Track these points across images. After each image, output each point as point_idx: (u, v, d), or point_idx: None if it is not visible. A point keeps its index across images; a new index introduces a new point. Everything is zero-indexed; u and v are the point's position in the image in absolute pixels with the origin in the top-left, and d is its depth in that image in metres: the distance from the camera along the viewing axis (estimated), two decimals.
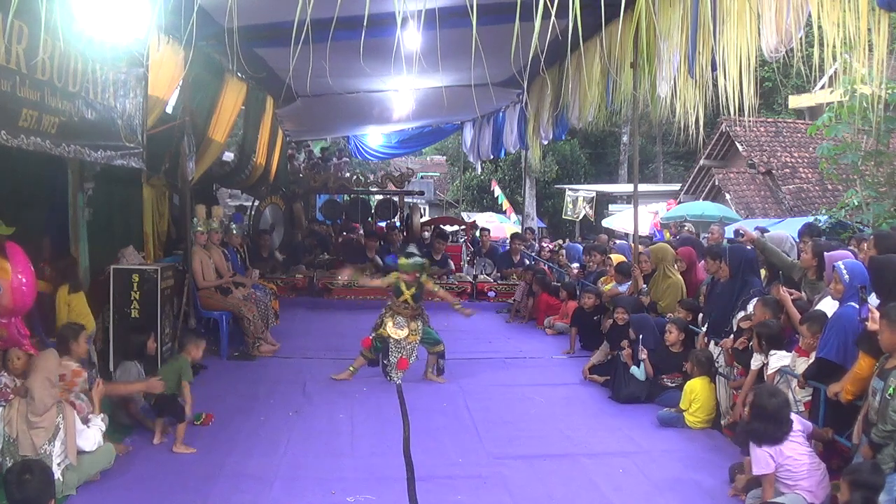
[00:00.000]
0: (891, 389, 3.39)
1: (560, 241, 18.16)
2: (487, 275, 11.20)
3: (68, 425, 3.99)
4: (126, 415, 5.14)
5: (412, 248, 7.08)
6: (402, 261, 6.57)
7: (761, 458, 3.78)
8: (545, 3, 2.07)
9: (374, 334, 6.53)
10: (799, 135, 19.65)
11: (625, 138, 26.17)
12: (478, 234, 13.73)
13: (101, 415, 4.41)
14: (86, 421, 4.24)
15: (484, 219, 20.52)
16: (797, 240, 6.17)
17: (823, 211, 14.02)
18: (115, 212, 7.42)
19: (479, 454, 4.81)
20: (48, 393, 3.95)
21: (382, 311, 6.68)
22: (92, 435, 4.18)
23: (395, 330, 6.45)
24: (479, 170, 23.35)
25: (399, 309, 6.52)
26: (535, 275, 9.69)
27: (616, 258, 8.77)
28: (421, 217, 14.24)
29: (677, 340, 5.95)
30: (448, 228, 14.24)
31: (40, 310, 5.68)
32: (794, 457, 3.75)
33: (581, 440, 5.11)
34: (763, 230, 7.62)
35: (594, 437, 5.19)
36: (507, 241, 12.89)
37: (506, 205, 22.86)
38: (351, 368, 6.53)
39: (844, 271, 4.17)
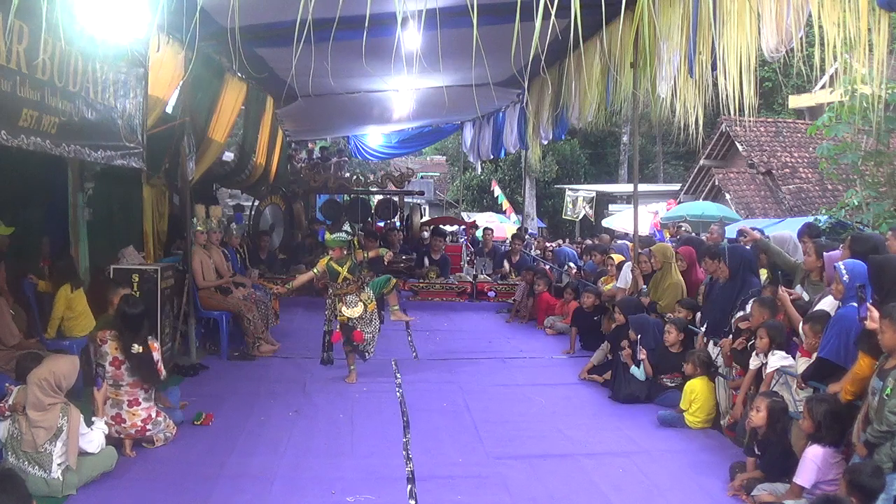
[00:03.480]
0: (888, 390, 3.39)
1: (560, 241, 18.18)
2: (488, 275, 11.20)
3: (72, 428, 3.98)
4: None
5: (346, 227, 7.00)
6: (329, 236, 6.63)
7: (809, 469, 3.75)
8: (545, 3, 2.07)
9: (328, 328, 6.54)
10: (799, 135, 19.66)
11: (625, 138, 26.18)
12: (479, 233, 13.74)
13: (105, 417, 4.41)
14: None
15: (484, 219, 20.52)
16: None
17: (823, 211, 14.02)
18: (115, 212, 7.42)
19: (479, 454, 4.81)
20: (43, 391, 3.94)
21: (326, 303, 6.65)
22: (96, 437, 4.18)
23: (351, 310, 6.41)
24: (479, 170, 23.36)
25: (343, 290, 6.45)
26: (535, 274, 9.69)
27: (616, 258, 8.78)
28: (421, 217, 14.24)
29: (676, 340, 5.95)
30: (448, 228, 14.24)
31: (41, 310, 5.71)
32: (835, 471, 3.74)
33: (581, 440, 5.11)
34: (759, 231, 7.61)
35: (594, 437, 5.19)
36: (508, 242, 12.90)
37: (506, 205, 22.86)
38: (351, 368, 6.54)
39: (844, 271, 4.17)
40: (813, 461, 3.73)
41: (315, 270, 6.62)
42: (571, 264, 10.17)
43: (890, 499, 3.21)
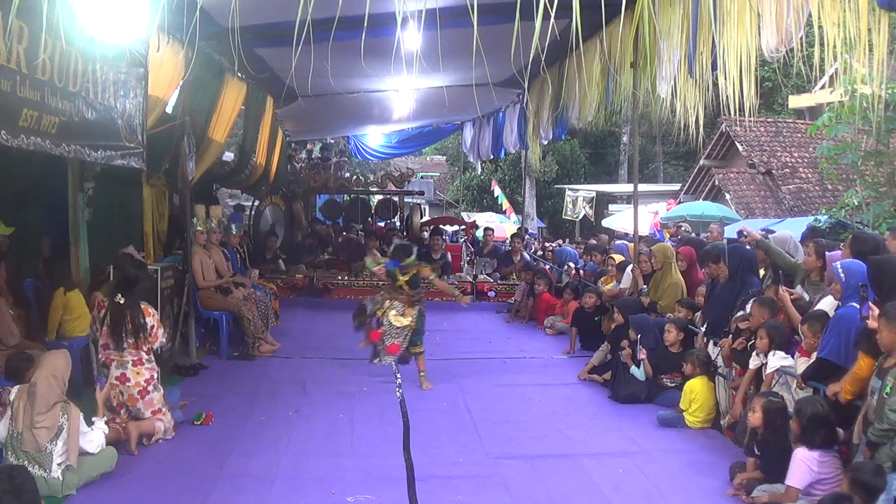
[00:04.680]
0: (888, 388, 3.39)
1: (560, 241, 18.17)
2: (487, 275, 11.20)
3: (72, 427, 3.99)
4: None
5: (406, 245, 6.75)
6: (408, 260, 6.38)
7: (800, 470, 3.74)
8: (545, 3, 2.07)
9: (374, 309, 6.44)
10: (799, 135, 19.66)
11: (625, 138, 26.18)
12: (479, 233, 13.73)
13: (105, 417, 4.41)
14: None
15: (484, 219, 20.53)
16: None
17: (823, 211, 14.02)
18: (115, 212, 7.42)
19: (479, 454, 4.81)
20: (52, 391, 3.95)
21: (382, 292, 6.56)
22: (96, 437, 4.18)
23: (398, 318, 6.34)
24: (479, 170, 23.36)
25: (394, 295, 6.39)
26: (535, 274, 9.69)
27: (617, 258, 8.77)
28: (421, 217, 14.25)
29: (676, 340, 5.95)
30: (448, 228, 14.25)
31: (41, 311, 5.71)
32: (828, 471, 3.73)
33: (581, 440, 5.11)
34: (768, 230, 7.60)
35: (594, 437, 5.20)
36: (508, 241, 12.89)
37: (506, 205, 22.87)
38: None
39: (841, 271, 4.17)
40: (803, 462, 3.73)
41: (375, 267, 6.52)
42: (571, 264, 10.17)
43: (890, 499, 3.20)
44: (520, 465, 4.59)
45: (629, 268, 7.76)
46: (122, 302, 4.82)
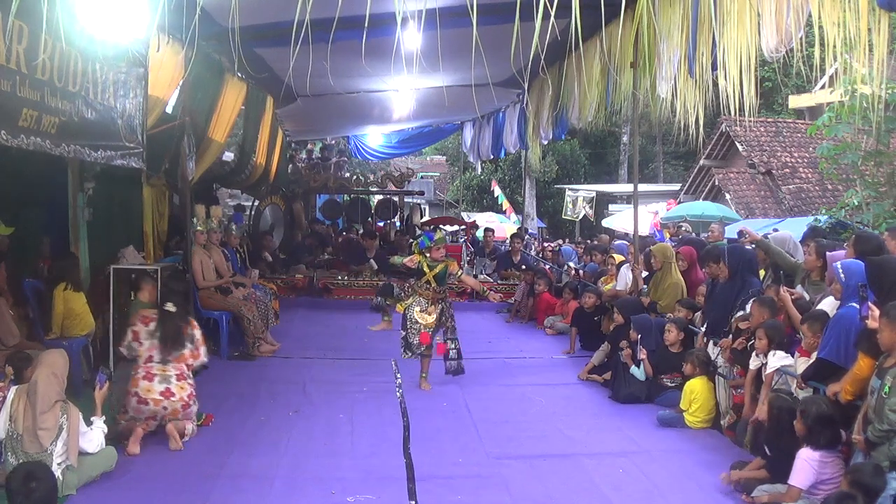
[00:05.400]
0: (887, 388, 3.39)
1: (560, 242, 18.17)
2: (488, 275, 11.20)
3: (72, 426, 3.98)
4: None
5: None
6: (439, 234, 6.52)
7: (804, 470, 3.73)
8: (545, 3, 2.07)
9: (399, 294, 6.51)
10: (799, 135, 19.66)
11: (625, 138, 26.18)
12: (479, 233, 13.74)
13: (103, 416, 4.41)
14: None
15: (484, 219, 20.53)
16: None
17: (823, 211, 14.03)
18: (115, 212, 7.42)
19: (479, 454, 4.81)
20: (52, 388, 3.95)
21: (406, 286, 6.56)
22: (95, 437, 4.18)
23: (423, 315, 6.32)
24: (479, 170, 23.37)
25: (421, 290, 6.39)
26: (535, 274, 9.69)
27: (617, 258, 8.78)
28: (421, 217, 14.26)
29: (676, 340, 5.95)
30: (448, 228, 14.26)
31: (40, 309, 5.72)
32: (831, 471, 3.73)
33: (581, 440, 5.11)
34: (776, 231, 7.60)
35: (594, 437, 5.19)
36: (508, 241, 12.90)
37: (506, 205, 22.86)
38: (386, 318, 6.68)
39: (841, 271, 4.17)
40: (806, 462, 3.72)
41: (405, 259, 6.55)
42: (571, 264, 10.17)
43: (888, 497, 3.21)
44: (520, 465, 4.59)
45: (623, 267, 7.77)
46: (173, 311, 4.88)
